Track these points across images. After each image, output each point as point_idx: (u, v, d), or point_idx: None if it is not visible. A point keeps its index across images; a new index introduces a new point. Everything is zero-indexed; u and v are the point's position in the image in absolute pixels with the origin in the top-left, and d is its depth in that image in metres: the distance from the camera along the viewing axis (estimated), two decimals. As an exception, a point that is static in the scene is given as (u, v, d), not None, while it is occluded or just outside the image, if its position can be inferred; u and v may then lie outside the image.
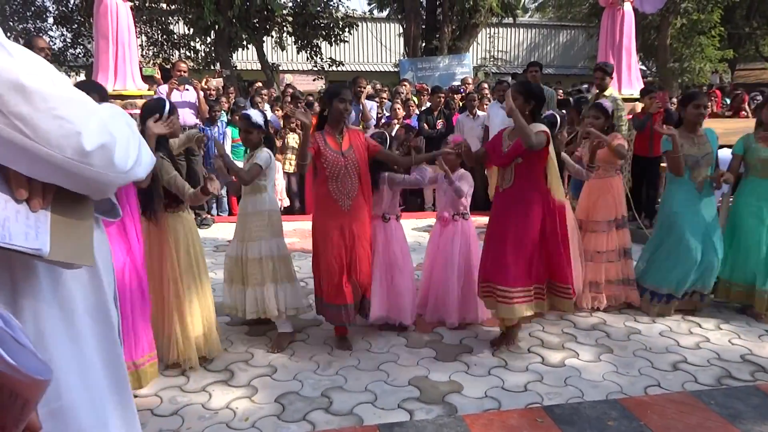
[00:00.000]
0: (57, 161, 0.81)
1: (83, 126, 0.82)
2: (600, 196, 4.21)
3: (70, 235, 0.86)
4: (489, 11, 14.62)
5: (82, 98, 0.85)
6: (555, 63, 23.01)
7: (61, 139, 0.80)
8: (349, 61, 19.93)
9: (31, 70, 0.77)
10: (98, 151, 0.85)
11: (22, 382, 0.65)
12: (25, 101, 0.76)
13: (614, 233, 4.21)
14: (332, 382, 3.19)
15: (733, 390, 3.08)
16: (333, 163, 3.40)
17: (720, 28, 16.23)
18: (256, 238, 3.53)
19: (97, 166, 0.86)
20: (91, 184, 0.89)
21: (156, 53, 15.59)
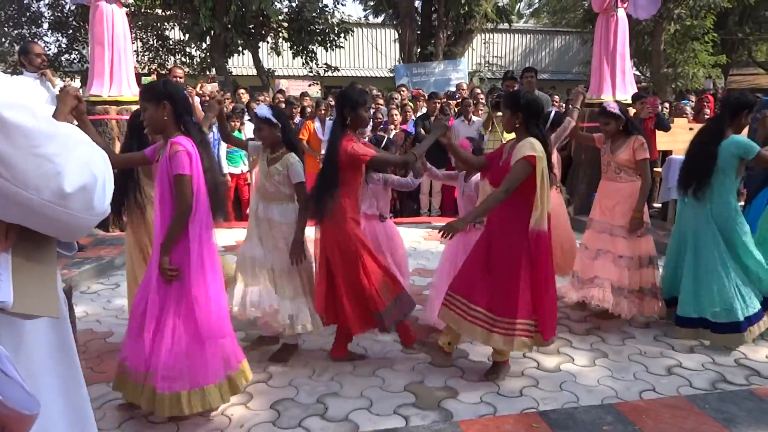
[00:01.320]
0: (31, 203, 0.72)
1: (64, 165, 0.74)
2: (620, 200, 4.02)
3: (33, 282, 0.77)
4: (484, 17, 14.71)
5: (64, 131, 0.78)
6: (550, 68, 23.13)
7: (40, 179, 0.72)
8: (345, 66, 19.97)
9: (11, 102, 0.70)
10: (78, 193, 0.77)
11: (9, 416, 0.60)
12: (3, 137, 0.68)
13: (636, 240, 4.00)
14: (327, 388, 3.18)
15: (727, 394, 3.08)
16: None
17: (713, 33, 16.34)
18: (282, 249, 3.31)
19: (76, 210, 0.78)
20: (64, 227, 0.80)
21: (151, 59, 15.60)
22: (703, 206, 3.67)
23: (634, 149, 3.97)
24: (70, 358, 0.96)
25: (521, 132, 3.15)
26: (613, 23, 6.91)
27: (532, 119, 3.12)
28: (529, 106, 3.11)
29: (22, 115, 0.71)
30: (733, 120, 3.62)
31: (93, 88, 6.47)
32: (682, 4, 15.04)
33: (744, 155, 3.51)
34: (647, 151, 4.01)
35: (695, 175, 3.65)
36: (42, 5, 15.98)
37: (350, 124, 3.22)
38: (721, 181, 3.56)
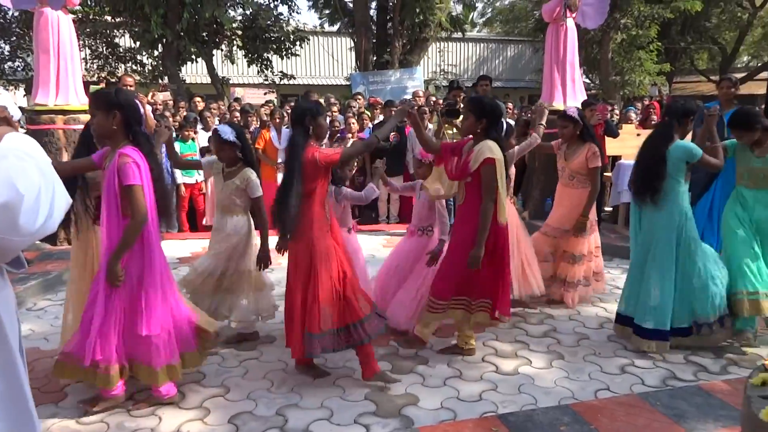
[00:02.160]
0: None
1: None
2: (574, 206, 4.30)
3: None
4: (438, 26, 14.91)
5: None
6: (503, 76, 23.58)
7: None
8: (301, 74, 19.90)
9: None
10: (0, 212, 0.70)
11: None
12: None
13: (589, 237, 4.40)
14: (287, 399, 3.14)
15: (677, 390, 3.19)
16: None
17: (657, 43, 16.98)
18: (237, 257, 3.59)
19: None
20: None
21: (100, 67, 15.18)
22: (659, 211, 3.69)
23: (587, 158, 4.14)
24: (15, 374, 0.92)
25: (481, 136, 3.31)
26: (563, 33, 7.10)
27: (493, 125, 3.33)
28: (493, 113, 3.33)
29: None
30: (679, 126, 3.75)
31: (38, 97, 6.24)
32: (628, 14, 15.58)
33: (690, 159, 3.65)
34: (599, 160, 4.19)
35: (650, 181, 3.70)
36: (-17, 11, 15.38)
37: (313, 134, 3.19)
38: (672, 186, 3.67)
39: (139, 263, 2.79)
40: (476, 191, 3.31)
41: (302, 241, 3.14)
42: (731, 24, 22.25)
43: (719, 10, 21.15)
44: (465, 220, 3.40)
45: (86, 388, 3.08)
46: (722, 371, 3.49)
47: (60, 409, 3.00)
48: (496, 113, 3.32)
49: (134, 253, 2.78)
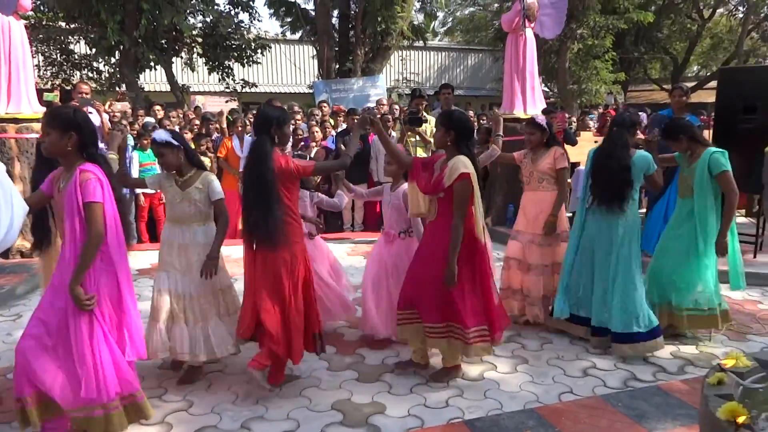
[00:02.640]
0: None
1: None
2: (543, 209, 4.22)
3: None
4: (400, 34, 15.01)
5: None
6: (465, 85, 23.88)
7: None
8: (263, 82, 19.74)
9: None
10: None
11: None
12: None
13: (559, 246, 4.24)
14: (252, 412, 3.09)
15: (637, 391, 3.27)
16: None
17: (612, 52, 17.52)
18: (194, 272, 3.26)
19: None
20: None
21: (55, 74, 14.75)
22: (616, 218, 3.77)
23: (555, 158, 4.22)
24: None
25: (452, 150, 3.28)
26: (522, 42, 7.25)
27: (463, 138, 3.27)
28: (462, 126, 3.29)
29: None
30: (630, 137, 3.86)
31: (-11, 105, 6.02)
32: (584, 25, 16.02)
33: (647, 171, 3.78)
34: (566, 161, 4.27)
35: (619, 189, 3.75)
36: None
37: (278, 142, 3.18)
38: (631, 194, 3.78)
39: (113, 283, 2.66)
40: (449, 207, 3.22)
41: (283, 249, 3.11)
42: (681, 35, 23.16)
43: (670, 21, 22.00)
44: (439, 237, 3.27)
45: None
46: (679, 371, 3.59)
47: (14, 429, 2.88)
48: (465, 127, 3.30)
49: (108, 273, 2.64)
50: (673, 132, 3.99)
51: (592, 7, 15.67)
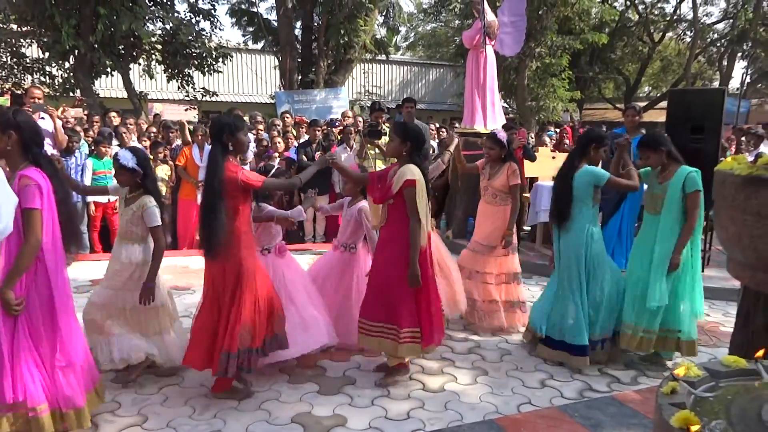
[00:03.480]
0: None
1: None
2: (496, 222, 4.45)
3: None
4: (363, 48, 15.12)
5: None
6: (426, 99, 24.17)
7: None
8: (224, 91, 19.52)
9: None
10: None
11: None
12: None
13: (508, 258, 4.49)
14: (210, 426, 3.02)
15: (593, 402, 3.35)
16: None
17: (569, 71, 18.07)
18: (126, 288, 3.33)
19: None
20: None
21: (4, 78, 14.23)
22: (568, 233, 3.89)
23: (508, 175, 4.35)
24: None
25: (405, 159, 3.40)
26: (483, 59, 7.39)
27: (417, 149, 3.41)
28: (417, 137, 3.43)
29: None
30: (583, 153, 3.96)
31: (-67, 108, 5.77)
32: (542, 44, 16.47)
33: (597, 183, 3.88)
34: (519, 178, 4.39)
35: (560, 207, 3.90)
36: None
37: (232, 150, 3.16)
38: (580, 209, 3.86)
39: (46, 289, 2.61)
40: (397, 213, 3.36)
41: (229, 261, 3.09)
42: (634, 57, 24.11)
43: (623, 43, 22.89)
44: (387, 243, 3.44)
45: None
46: (633, 382, 3.69)
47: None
48: (419, 138, 3.42)
49: (38, 278, 2.60)
50: (655, 143, 3.83)
51: (549, 27, 16.15)
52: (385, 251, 3.44)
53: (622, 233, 5.76)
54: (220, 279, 3.14)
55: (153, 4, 13.06)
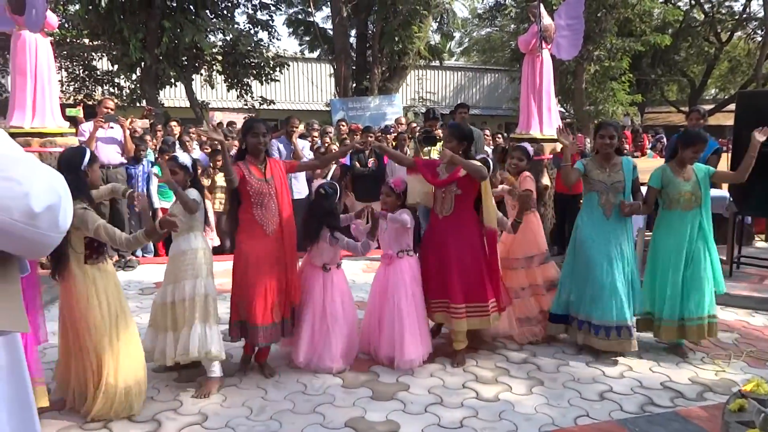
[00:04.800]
0: (2, 225, 0.76)
1: (31, 186, 0.78)
2: (518, 233, 4.24)
3: (1, 299, 0.79)
4: (417, 54, 15.14)
5: (27, 156, 0.81)
6: (480, 104, 23.98)
7: (9, 201, 0.75)
8: (281, 99, 19.97)
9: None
10: (46, 212, 0.81)
11: None
12: None
13: (535, 268, 4.34)
14: (266, 427, 3.09)
15: (655, 416, 3.22)
16: (257, 189, 3.57)
17: (629, 74, 17.52)
18: (185, 278, 3.44)
19: (43, 228, 0.81)
20: (31, 246, 0.83)
21: (77, 89, 15.06)
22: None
23: (520, 181, 4.26)
24: (22, 378, 0.95)
25: (463, 157, 3.79)
26: (539, 63, 7.27)
27: (469, 148, 3.92)
28: (471, 137, 3.95)
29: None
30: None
31: (14, 119, 6.15)
32: (601, 46, 16.05)
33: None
34: (532, 184, 4.31)
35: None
36: (-43, 32, 15.21)
37: (246, 149, 3.68)
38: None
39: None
40: (466, 203, 3.87)
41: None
42: (699, 58, 23.12)
43: (687, 44, 21.99)
44: (456, 229, 3.87)
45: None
46: (698, 397, 3.53)
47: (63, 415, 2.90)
48: (471, 137, 3.97)
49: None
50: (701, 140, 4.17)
51: (609, 30, 15.70)
52: (459, 238, 3.83)
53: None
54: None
55: (214, 17, 13.54)
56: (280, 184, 3.67)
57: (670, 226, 4.14)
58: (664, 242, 4.16)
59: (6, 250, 0.82)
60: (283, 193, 3.67)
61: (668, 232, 4.14)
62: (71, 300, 3.05)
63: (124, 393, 3.08)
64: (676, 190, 4.09)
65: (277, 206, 3.61)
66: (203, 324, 3.41)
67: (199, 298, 3.42)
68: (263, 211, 3.58)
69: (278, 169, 3.74)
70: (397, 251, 3.96)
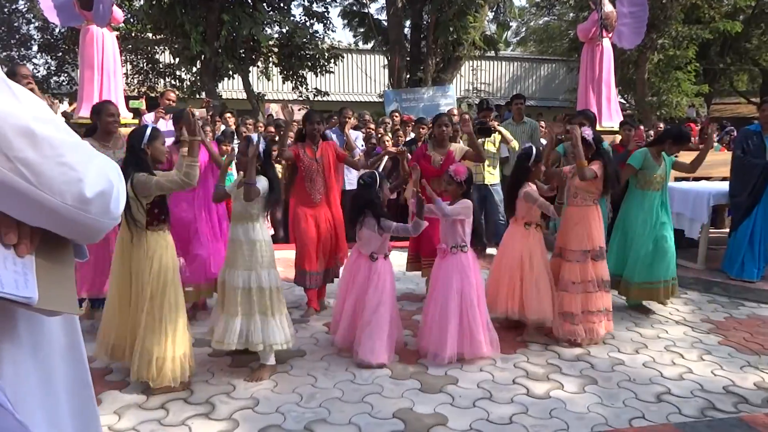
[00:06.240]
0: (56, 208, 0.78)
1: (85, 173, 0.81)
2: (576, 224, 4.19)
3: (55, 281, 0.82)
4: (472, 45, 14.92)
5: (82, 143, 0.84)
6: (536, 95, 23.45)
7: (63, 185, 0.78)
8: (335, 91, 20.13)
9: (39, 115, 0.76)
10: (98, 198, 0.84)
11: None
12: (31, 147, 0.74)
13: (590, 264, 4.15)
14: (315, 414, 3.13)
15: (716, 422, 3.08)
16: (308, 166, 4.57)
17: (695, 63, 16.72)
18: (243, 267, 3.51)
19: (95, 214, 0.84)
20: (84, 230, 0.86)
21: (141, 82, 15.63)
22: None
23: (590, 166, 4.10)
24: (81, 358, 1.00)
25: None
26: (599, 52, 7.04)
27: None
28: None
29: (48, 128, 0.77)
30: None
31: (82, 111, 6.45)
32: (665, 34, 15.39)
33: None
34: (600, 170, 4.10)
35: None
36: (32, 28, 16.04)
37: (305, 133, 4.64)
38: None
39: None
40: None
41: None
42: (772, 46, 21.77)
43: (760, 31, 20.75)
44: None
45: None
46: (764, 403, 3.35)
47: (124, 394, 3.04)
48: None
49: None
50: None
51: (674, 17, 15.03)
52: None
53: (754, 240, 5.28)
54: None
55: (271, 10, 13.75)
56: (328, 164, 4.62)
57: (642, 203, 4.71)
58: (635, 216, 4.74)
59: (60, 233, 0.85)
60: (330, 170, 4.63)
61: (640, 208, 4.71)
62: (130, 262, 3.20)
63: (171, 362, 3.20)
64: (652, 173, 4.66)
65: (323, 180, 4.59)
66: (263, 316, 3.50)
67: (260, 291, 3.50)
68: (311, 183, 4.56)
69: (329, 151, 4.68)
70: (451, 246, 3.89)
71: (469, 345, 3.81)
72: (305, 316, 4.65)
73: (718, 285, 5.52)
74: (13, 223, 0.78)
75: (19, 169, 0.73)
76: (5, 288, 0.72)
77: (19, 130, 0.73)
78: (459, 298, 3.80)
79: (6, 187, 0.73)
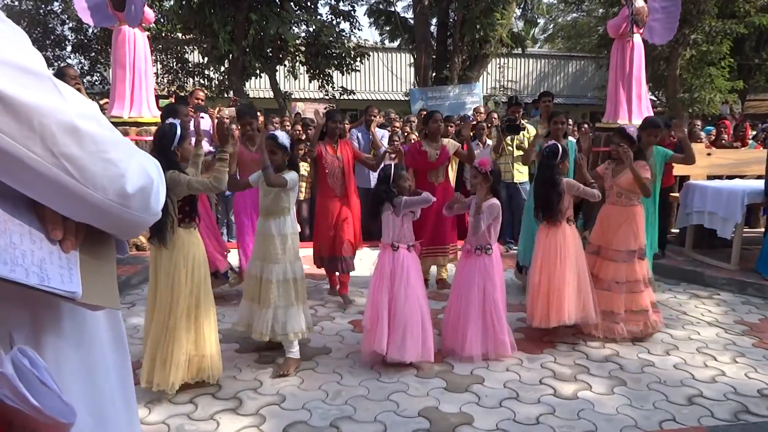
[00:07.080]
0: (98, 203, 0.80)
1: (126, 169, 0.83)
2: (621, 224, 4.18)
3: (98, 276, 0.84)
4: (499, 42, 14.78)
5: (124, 140, 0.86)
6: (565, 93, 23.16)
7: (106, 181, 0.80)
8: (360, 89, 20.17)
9: (83, 112, 0.77)
10: (138, 194, 0.85)
11: (46, 424, 0.64)
12: (75, 143, 0.75)
13: (636, 263, 4.16)
14: (341, 411, 3.15)
15: (751, 426, 3.01)
16: (330, 163, 4.93)
17: (729, 59, 16.29)
18: (276, 261, 3.59)
19: (135, 209, 0.86)
20: (125, 225, 0.88)
21: (170, 81, 15.87)
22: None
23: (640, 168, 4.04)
24: (124, 352, 1.03)
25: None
26: (629, 48, 6.91)
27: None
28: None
29: (91, 124, 0.78)
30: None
31: (114, 110, 6.58)
32: (698, 29, 15.02)
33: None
34: (648, 172, 4.06)
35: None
36: (66, 29, 16.42)
37: (327, 131, 4.98)
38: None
39: None
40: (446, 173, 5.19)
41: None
42: (811, 40, 21.10)
43: (798, 25, 20.12)
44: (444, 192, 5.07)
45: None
46: (801, 408, 3.26)
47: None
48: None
49: None
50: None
51: (707, 11, 14.65)
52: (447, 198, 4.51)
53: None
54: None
55: (298, 9, 13.83)
56: (347, 160, 4.99)
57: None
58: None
59: (103, 228, 0.87)
60: (349, 166, 4.99)
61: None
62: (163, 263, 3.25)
63: (201, 360, 3.25)
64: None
65: (343, 176, 4.94)
66: (288, 307, 3.61)
67: (287, 283, 3.61)
68: (333, 179, 4.92)
69: (348, 149, 5.04)
70: (475, 247, 3.86)
71: (493, 345, 3.80)
72: (343, 305, 5.00)
73: (753, 286, 5.39)
74: (59, 220, 0.80)
75: (63, 165, 0.75)
76: (51, 282, 0.74)
77: (63, 127, 0.74)
78: (482, 298, 3.80)
79: (51, 182, 0.75)
